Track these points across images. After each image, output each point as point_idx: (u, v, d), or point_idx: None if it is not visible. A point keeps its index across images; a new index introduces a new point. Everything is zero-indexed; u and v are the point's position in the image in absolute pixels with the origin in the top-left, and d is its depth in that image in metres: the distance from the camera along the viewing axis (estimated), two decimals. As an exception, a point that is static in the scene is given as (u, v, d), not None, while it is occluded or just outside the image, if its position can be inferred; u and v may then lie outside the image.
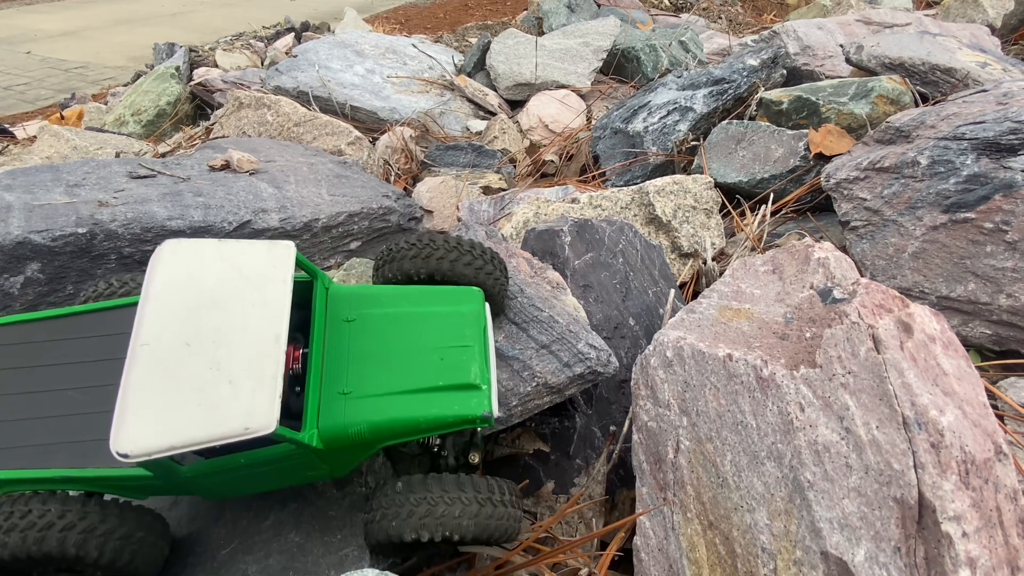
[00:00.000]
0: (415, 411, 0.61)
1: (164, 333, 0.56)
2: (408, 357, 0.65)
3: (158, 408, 0.53)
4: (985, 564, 0.49)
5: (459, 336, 0.66)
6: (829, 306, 0.64)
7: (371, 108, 1.98)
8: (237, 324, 0.57)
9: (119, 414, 0.53)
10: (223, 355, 0.55)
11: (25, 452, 0.60)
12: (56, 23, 5.67)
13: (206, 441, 0.52)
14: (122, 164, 1.20)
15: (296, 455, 0.59)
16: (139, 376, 0.54)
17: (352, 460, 0.63)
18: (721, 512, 0.62)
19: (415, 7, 5.40)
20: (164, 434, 0.52)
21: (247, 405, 0.53)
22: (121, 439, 0.52)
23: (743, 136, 1.41)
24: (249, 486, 0.64)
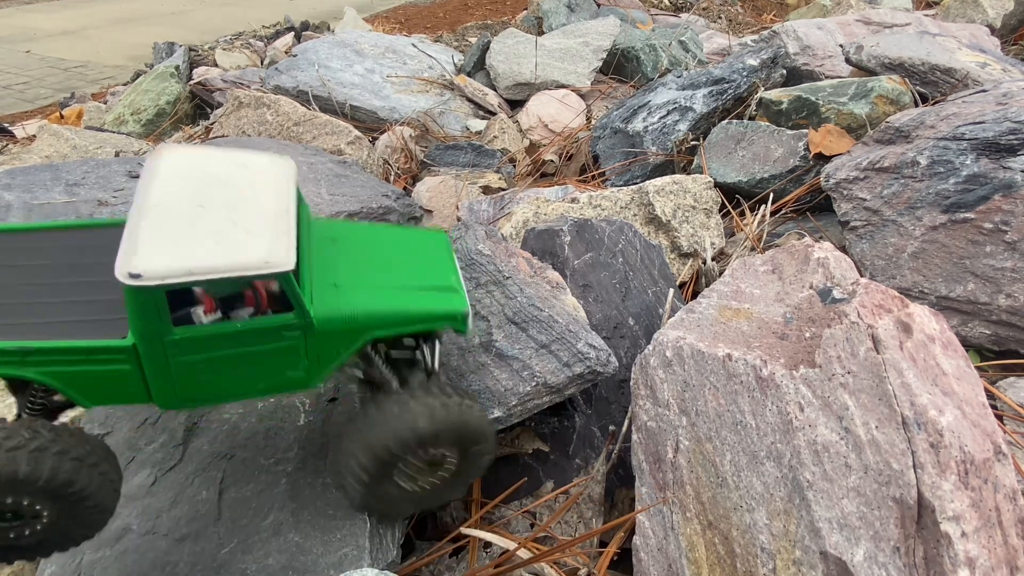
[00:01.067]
0: (403, 303, 0.63)
1: (173, 197, 0.54)
2: (391, 265, 0.67)
3: (173, 240, 0.51)
4: (984, 564, 0.49)
5: (434, 255, 0.71)
6: (829, 306, 0.64)
7: (371, 107, 1.98)
8: (248, 196, 0.56)
9: (128, 242, 0.50)
10: (237, 215, 0.54)
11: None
12: (56, 22, 5.67)
13: (226, 271, 0.51)
14: (122, 163, 1.20)
15: (287, 334, 0.57)
16: (150, 222, 0.52)
17: (333, 355, 0.61)
18: (720, 512, 0.62)
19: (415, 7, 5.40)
20: (183, 259, 0.50)
21: (266, 245, 0.53)
22: (134, 260, 0.49)
23: (743, 136, 1.41)
24: (227, 379, 0.59)
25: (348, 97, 2.00)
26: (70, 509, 0.56)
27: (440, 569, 0.77)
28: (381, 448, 0.60)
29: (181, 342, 0.54)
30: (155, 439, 0.77)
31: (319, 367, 0.61)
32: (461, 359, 0.81)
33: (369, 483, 0.63)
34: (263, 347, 0.57)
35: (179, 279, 0.50)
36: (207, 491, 0.72)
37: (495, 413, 0.75)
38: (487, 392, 0.77)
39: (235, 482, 0.73)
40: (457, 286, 0.68)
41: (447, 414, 0.61)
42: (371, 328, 0.62)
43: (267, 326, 0.56)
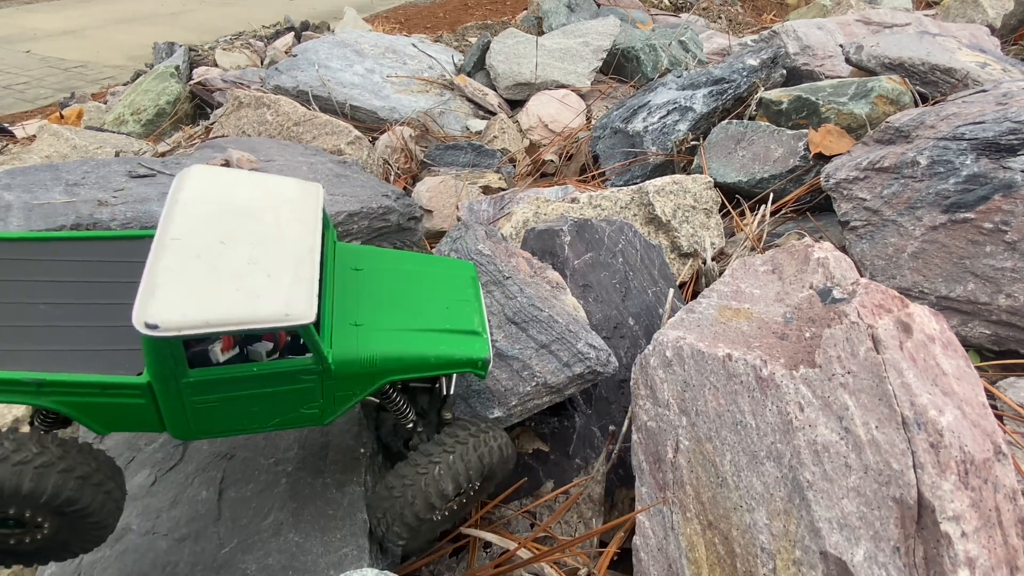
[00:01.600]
0: (423, 347, 0.63)
1: (195, 230, 0.53)
2: (415, 302, 0.66)
3: (192, 287, 0.50)
4: (984, 564, 0.49)
5: (460, 292, 0.70)
6: (828, 306, 0.64)
7: (371, 107, 1.98)
8: (271, 232, 0.56)
9: (146, 288, 0.49)
10: (259, 253, 0.54)
11: None
12: (56, 22, 5.67)
13: (244, 323, 0.50)
14: (122, 163, 1.20)
15: (304, 377, 0.57)
16: (170, 261, 0.51)
17: (349, 396, 0.62)
18: (720, 512, 0.62)
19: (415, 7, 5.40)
20: (200, 310, 0.49)
21: (286, 295, 0.52)
22: (150, 309, 0.48)
23: (743, 136, 1.41)
24: (242, 416, 0.59)
25: (348, 97, 2.00)
26: (71, 523, 0.56)
27: (440, 569, 0.77)
28: (412, 518, 0.62)
29: (197, 384, 0.54)
30: (155, 439, 0.77)
31: (334, 406, 0.61)
32: None
33: (409, 540, 0.65)
34: (279, 388, 0.57)
35: (196, 331, 0.50)
36: (207, 491, 0.72)
37: (495, 413, 0.75)
38: (487, 392, 0.77)
39: (235, 482, 0.73)
40: (481, 329, 0.67)
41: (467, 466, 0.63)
42: (389, 372, 0.61)
43: (284, 369, 0.56)
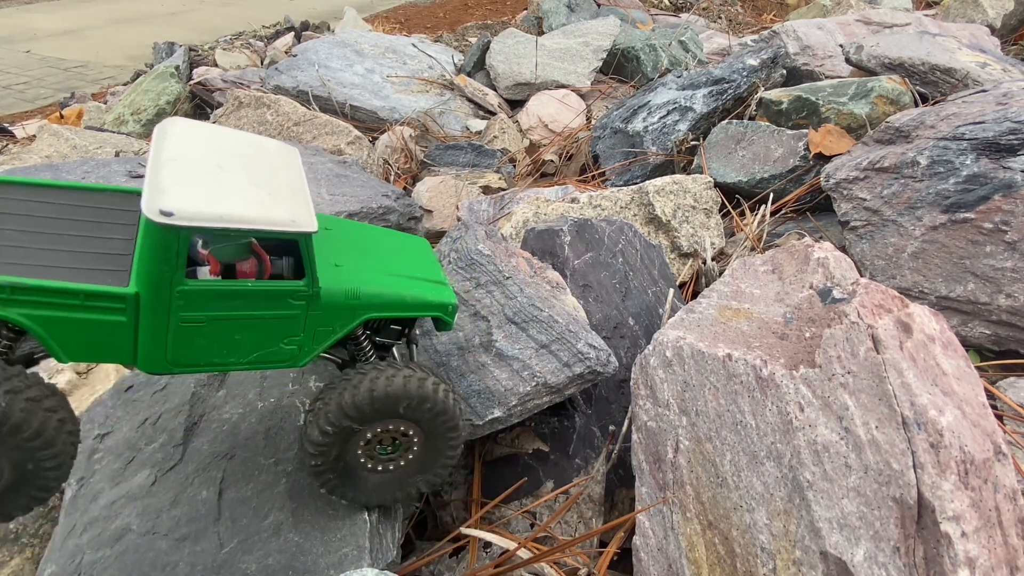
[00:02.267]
0: (401, 288, 0.65)
1: (191, 156, 0.54)
2: (385, 254, 0.70)
3: (200, 188, 0.51)
4: (984, 564, 0.49)
5: (421, 254, 0.74)
6: (828, 306, 0.64)
7: (371, 107, 1.98)
8: (263, 168, 0.57)
9: (155, 181, 0.50)
10: (256, 179, 0.55)
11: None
12: (55, 22, 5.67)
13: (256, 224, 0.51)
14: (122, 163, 1.20)
15: (292, 302, 0.58)
16: (172, 170, 0.51)
17: (328, 332, 0.62)
18: (720, 512, 0.62)
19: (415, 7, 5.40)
20: (215, 204, 0.50)
21: (290, 207, 0.54)
22: (165, 199, 0.48)
23: (743, 136, 1.41)
24: (222, 345, 0.58)
25: (348, 97, 2.00)
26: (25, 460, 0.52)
27: (440, 569, 0.77)
28: (336, 413, 0.61)
29: (189, 294, 0.53)
30: (155, 439, 0.77)
31: (312, 343, 0.61)
32: (461, 359, 0.81)
33: (328, 453, 0.63)
34: (266, 312, 0.57)
35: (211, 223, 0.50)
36: (207, 491, 0.72)
37: (495, 413, 0.75)
38: (487, 392, 0.77)
39: (235, 482, 0.73)
40: (446, 282, 0.71)
41: (404, 382, 0.62)
42: (370, 307, 0.63)
43: (276, 290, 0.57)
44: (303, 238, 0.55)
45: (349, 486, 0.67)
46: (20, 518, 0.74)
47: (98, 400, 0.81)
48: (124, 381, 0.82)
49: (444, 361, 0.82)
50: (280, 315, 0.58)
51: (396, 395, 0.62)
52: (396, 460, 0.67)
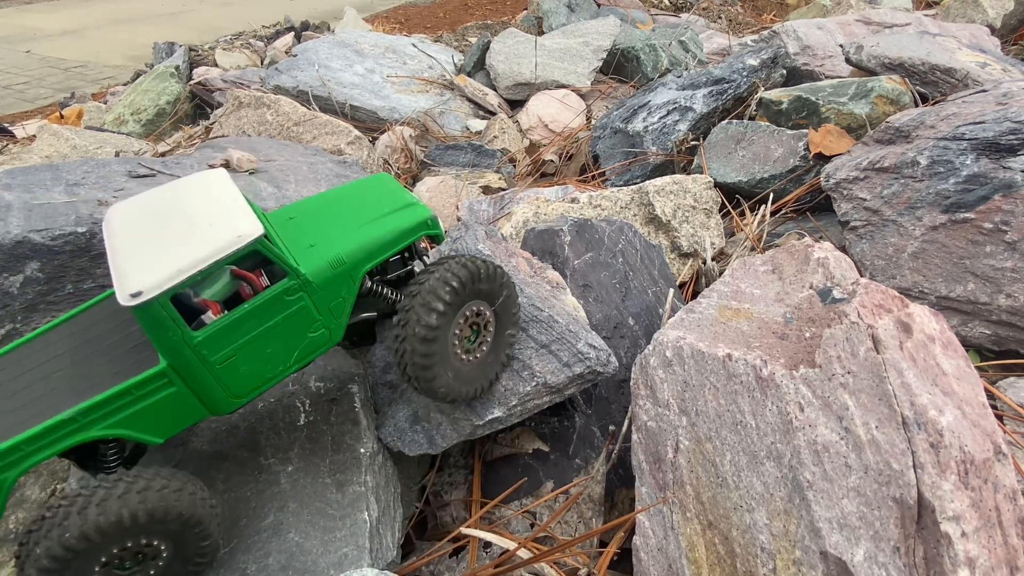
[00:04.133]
0: (377, 231, 0.68)
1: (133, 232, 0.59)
2: (352, 211, 0.72)
3: (154, 258, 0.55)
4: (984, 564, 0.49)
5: (385, 189, 0.76)
6: (829, 306, 0.64)
7: (371, 107, 1.98)
8: (196, 204, 0.61)
9: (116, 271, 0.55)
10: (195, 219, 0.59)
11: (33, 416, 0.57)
12: (55, 22, 5.67)
13: (208, 259, 0.55)
14: (122, 163, 1.20)
15: (290, 299, 0.62)
16: (123, 253, 0.56)
17: (340, 303, 0.66)
18: (720, 512, 0.62)
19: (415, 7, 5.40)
20: (169, 266, 0.54)
21: (233, 225, 0.58)
22: (128, 284, 0.53)
23: (743, 136, 1.41)
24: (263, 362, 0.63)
25: (348, 97, 2.00)
26: (184, 546, 0.59)
27: (440, 569, 0.77)
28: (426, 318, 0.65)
29: (205, 341, 0.58)
30: (155, 439, 0.77)
31: (334, 319, 0.66)
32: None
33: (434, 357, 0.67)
34: (277, 317, 0.61)
35: (174, 282, 0.54)
36: (207, 491, 0.72)
37: (495, 413, 0.75)
38: (487, 392, 0.77)
39: (235, 482, 0.73)
40: (415, 201, 0.73)
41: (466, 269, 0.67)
42: (359, 263, 0.66)
43: (270, 296, 0.60)
44: (257, 244, 0.58)
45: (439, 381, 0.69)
46: (20, 517, 0.74)
47: (98, 400, 0.80)
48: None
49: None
50: (290, 313, 0.62)
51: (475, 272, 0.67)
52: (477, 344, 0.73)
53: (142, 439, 0.59)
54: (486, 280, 0.69)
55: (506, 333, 0.75)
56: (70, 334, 0.65)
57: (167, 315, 0.55)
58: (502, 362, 0.75)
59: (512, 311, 0.74)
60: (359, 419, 0.79)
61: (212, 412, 0.63)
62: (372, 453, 0.77)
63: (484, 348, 0.73)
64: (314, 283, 0.63)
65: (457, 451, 0.90)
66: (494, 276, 0.70)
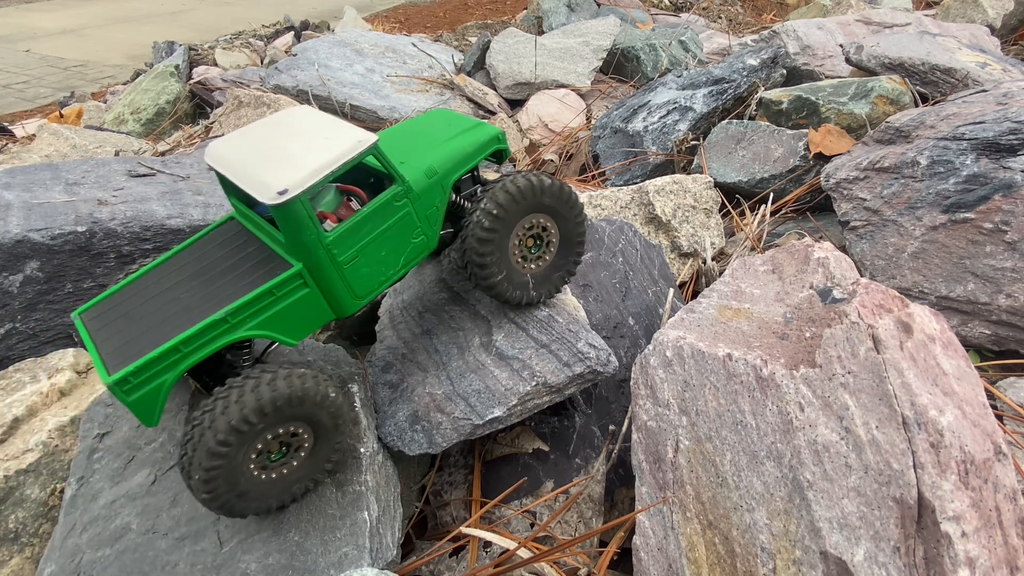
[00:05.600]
0: (458, 146, 0.75)
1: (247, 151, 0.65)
2: (428, 135, 0.79)
3: (283, 163, 0.61)
4: (984, 564, 0.49)
5: (450, 118, 0.83)
6: (829, 306, 0.64)
7: (371, 107, 1.98)
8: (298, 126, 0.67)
9: (252, 180, 0.60)
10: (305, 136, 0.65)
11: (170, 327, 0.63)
12: (55, 21, 5.67)
13: (340, 160, 0.61)
14: (121, 163, 1.20)
15: (397, 204, 0.68)
16: (251, 166, 0.62)
17: (434, 211, 0.73)
18: (720, 512, 0.62)
19: (415, 6, 5.40)
20: (306, 167, 0.60)
21: (351, 134, 0.64)
22: (272, 184, 0.58)
23: (743, 136, 1.41)
24: (378, 264, 0.69)
25: (348, 96, 2.00)
26: (323, 431, 0.65)
27: (440, 569, 0.77)
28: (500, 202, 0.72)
29: (335, 241, 0.64)
30: (155, 439, 0.77)
31: (430, 226, 0.73)
32: (461, 359, 0.81)
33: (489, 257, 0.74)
34: (387, 222, 0.68)
35: (316, 180, 0.60)
36: (207, 490, 0.72)
37: (495, 412, 0.75)
38: (487, 392, 0.77)
39: (235, 481, 0.72)
40: (481, 122, 0.80)
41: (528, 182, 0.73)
42: (449, 173, 0.73)
43: (383, 201, 0.67)
44: (376, 148, 0.64)
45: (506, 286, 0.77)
46: (19, 516, 0.74)
47: (98, 400, 0.80)
48: (124, 380, 0.82)
49: (444, 362, 0.82)
50: (398, 219, 0.69)
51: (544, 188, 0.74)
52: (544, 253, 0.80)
53: (281, 340, 0.64)
54: (550, 195, 0.74)
55: (573, 251, 0.81)
56: (182, 265, 0.70)
57: (306, 213, 0.60)
58: (562, 277, 0.81)
59: (577, 232, 0.80)
60: (359, 419, 0.79)
61: (337, 314, 0.68)
62: (372, 453, 0.77)
63: (546, 259, 0.79)
64: (415, 190, 0.69)
65: (457, 451, 0.90)
66: (559, 193, 0.75)
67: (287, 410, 0.61)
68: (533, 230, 0.76)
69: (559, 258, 0.80)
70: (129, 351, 0.59)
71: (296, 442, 0.64)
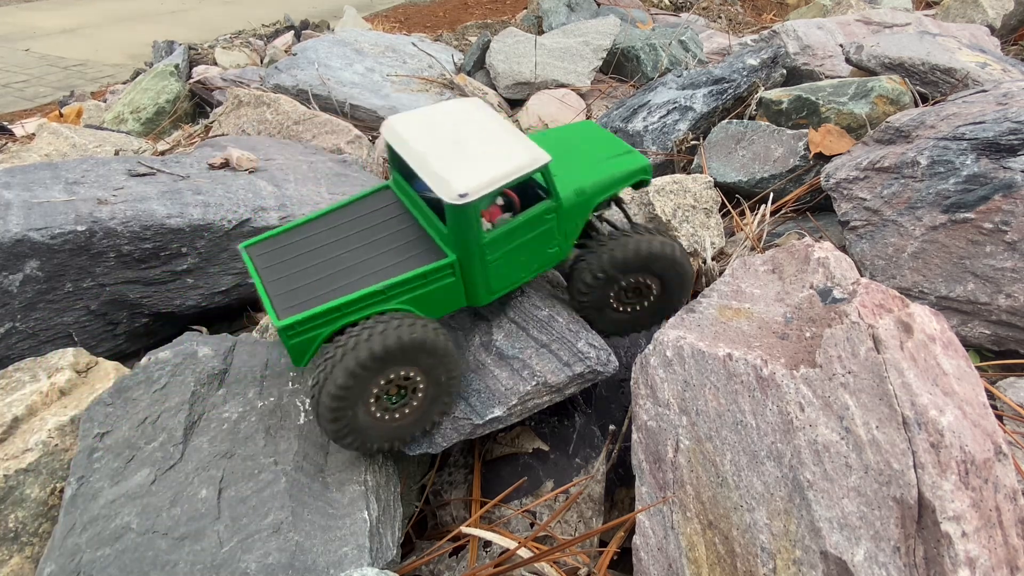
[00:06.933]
0: (608, 171, 0.80)
1: (430, 144, 0.71)
2: (576, 149, 0.84)
3: (463, 167, 0.67)
4: (984, 564, 0.49)
5: (598, 136, 0.88)
6: (829, 306, 0.64)
7: (371, 106, 1.98)
8: (477, 129, 0.73)
9: (435, 175, 0.66)
10: (485, 142, 0.71)
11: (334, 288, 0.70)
12: (55, 20, 5.66)
13: (514, 174, 0.67)
14: (121, 162, 1.20)
15: (547, 217, 0.74)
16: (433, 162, 0.68)
17: (573, 228, 0.79)
18: (720, 511, 0.62)
19: (415, 6, 5.40)
20: (485, 175, 0.66)
21: (527, 151, 0.70)
22: (454, 186, 0.65)
23: (743, 136, 1.41)
24: (514, 267, 0.75)
25: (348, 96, 2.00)
26: (433, 374, 0.70)
27: (440, 568, 0.77)
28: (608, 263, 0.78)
29: (490, 242, 0.70)
30: (155, 438, 0.77)
31: (566, 240, 0.79)
32: (461, 358, 0.81)
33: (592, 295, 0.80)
34: (533, 232, 0.74)
35: (493, 189, 0.66)
36: (207, 490, 0.72)
37: (495, 412, 0.75)
38: (487, 391, 0.77)
39: (235, 481, 0.73)
40: (631, 149, 0.85)
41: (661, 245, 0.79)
42: (595, 195, 0.78)
43: (535, 213, 0.73)
44: (545, 168, 0.70)
45: (597, 319, 0.84)
46: (19, 516, 0.74)
47: (98, 399, 0.80)
48: (123, 380, 0.82)
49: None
50: (542, 230, 0.75)
51: (655, 254, 0.79)
52: (637, 304, 0.86)
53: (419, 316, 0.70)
54: (660, 260, 0.79)
55: (675, 299, 0.86)
56: (342, 223, 0.76)
57: (474, 216, 0.67)
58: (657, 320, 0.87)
59: (681, 286, 0.84)
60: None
61: (470, 303, 0.75)
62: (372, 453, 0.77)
63: (642, 306, 0.85)
64: (564, 207, 0.75)
65: (457, 450, 0.90)
66: (672, 258, 0.80)
67: (399, 355, 0.67)
68: (633, 285, 0.82)
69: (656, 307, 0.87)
70: (296, 300, 0.68)
71: (411, 385, 0.70)
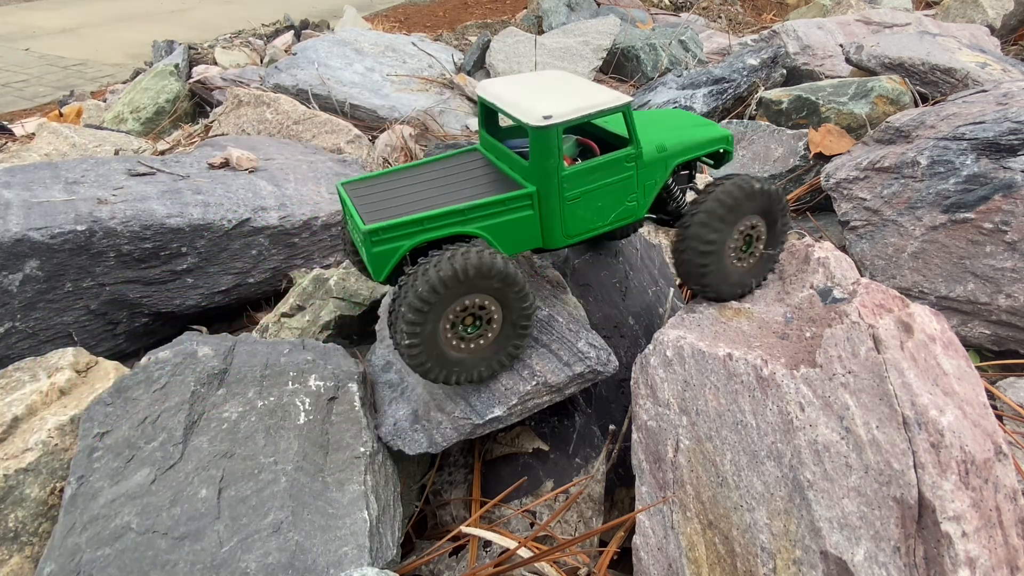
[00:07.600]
0: (691, 135, 0.80)
1: (519, 89, 0.74)
2: (663, 122, 0.85)
3: (552, 98, 0.70)
4: (984, 564, 0.49)
5: (683, 115, 0.89)
6: (829, 306, 0.64)
7: (370, 106, 1.98)
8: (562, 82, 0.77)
9: (521, 106, 0.69)
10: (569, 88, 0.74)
11: None
12: (55, 20, 5.66)
13: (598, 107, 0.69)
14: (121, 162, 1.20)
15: (626, 165, 0.74)
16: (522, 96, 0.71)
17: (652, 184, 0.78)
18: (720, 511, 0.62)
19: (415, 5, 5.40)
20: (570, 104, 0.68)
21: (607, 93, 0.72)
22: (540, 108, 0.67)
23: (743, 135, 1.41)
24: (592, 212, 0.75)
25: (348, 96, 2.00)
26: (507, 302, 0.70)
27: (440, 568, 0.77)
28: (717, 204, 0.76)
29: (568, 177, 0.71)
30: (155, 438, 0.77)
31: (644, 196, 0.78)
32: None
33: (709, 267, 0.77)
34: (612, 178, 0.74)
35: (577, 115, 0.68)
36: (207, 490, 0.72)
37: (495, 412, 0.75)
38: (487, 391, 0.77)
39: (235, 481, 0.72)
40: (714, 123, 0.85)
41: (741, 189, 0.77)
42: (676, 154, 0.78)
43: (614, 158, 0.73)
44: (627, 107, 0.71)
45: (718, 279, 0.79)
46: (19, 515, 0.74)
47: (98, 399, 0.80)
48: (123, 380, 0.82)
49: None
50: (621, 178, 0.75)
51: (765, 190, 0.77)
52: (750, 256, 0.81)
53: (495, 246, 0.71)
54: (761, 197, 0.76)
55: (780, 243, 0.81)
56: (429, 172, 0.79)
57: (557, 143, 0.68)
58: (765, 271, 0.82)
59: (782, 229, 0.81)
60: (359, 418, 0.79)
61: (545, 245, 0.75)
62: (372, 452, 0.77)
63: (752, 258, 0.81)
64: (644, 158, 0.75)
65: (457, 450, 0.90)
66: (769, 193, 0.77)
67: (476, 279, 0.67)
68: (745, 232, 0.79)
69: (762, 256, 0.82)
70: (382, 214, 0.70)
71: (485, 315, 0.71)
